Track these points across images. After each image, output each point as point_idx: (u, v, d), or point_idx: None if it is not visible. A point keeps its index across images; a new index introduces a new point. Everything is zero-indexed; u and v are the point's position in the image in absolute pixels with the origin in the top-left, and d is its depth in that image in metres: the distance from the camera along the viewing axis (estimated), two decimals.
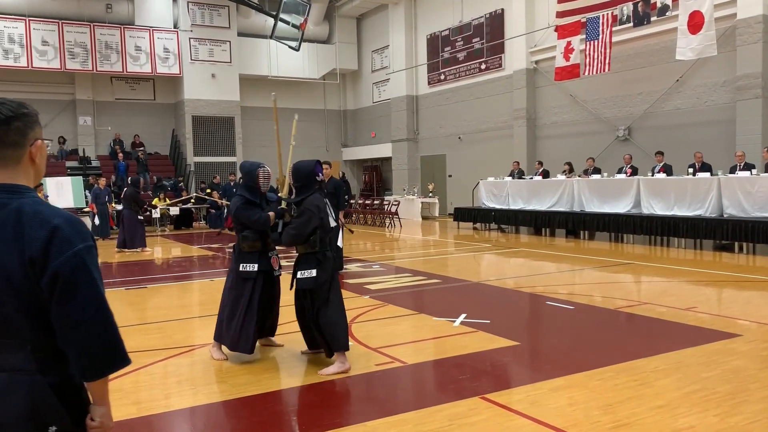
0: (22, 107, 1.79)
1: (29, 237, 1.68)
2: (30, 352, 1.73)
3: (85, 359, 1.73)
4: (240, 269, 5.34)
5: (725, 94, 14.60)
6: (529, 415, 3.93)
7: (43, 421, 1.72)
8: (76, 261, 1.70)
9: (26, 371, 1.72)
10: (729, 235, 11.49)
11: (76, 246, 1.71)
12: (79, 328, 1.70)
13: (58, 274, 1.68)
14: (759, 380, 4.48)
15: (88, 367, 1.74)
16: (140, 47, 22.93)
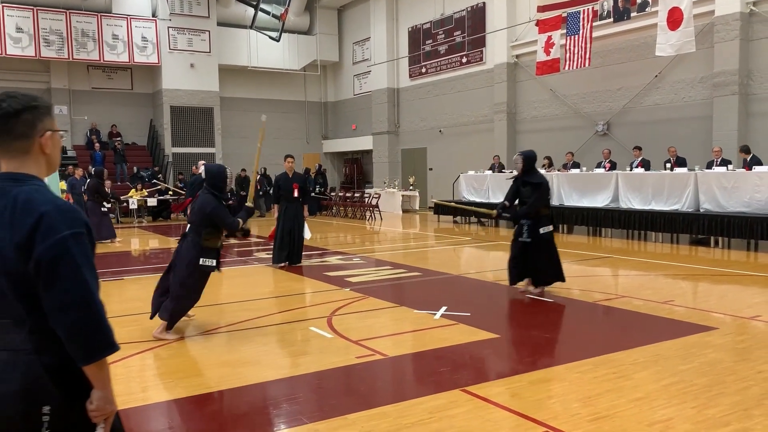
0: (32, 100, 1.87)
1: (18, 223, 1.75)
2: (27, 332, 1.78)
3: (72, 344, 1.76)
4: (201, 263, 5.80)
5: (703, 90, 14.77)
6: (509, 408, 3.94)
7: (36, 400, 1.76)
8: (60, 248, 1.74)
9: (23, 351, 1.78)
10: (705, 229, 11.65)
11: (60, 233, 1.75)
12: (63, 313, 1.74)
13: (41, 259, 1.73)
14: (735, 373, 4.54)
15: (76, 351, 1.77)
16: (117, 36, 22.57)
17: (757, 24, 13.79)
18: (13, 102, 1.84)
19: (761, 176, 11.19)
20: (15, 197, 1.79)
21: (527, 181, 7.48)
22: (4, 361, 1.79)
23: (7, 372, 1.77)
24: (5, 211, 1.79)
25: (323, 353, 5.26)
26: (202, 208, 5.87)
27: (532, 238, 7.35)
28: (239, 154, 25.74)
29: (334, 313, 6.71)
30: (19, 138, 1.86)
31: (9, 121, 1.84)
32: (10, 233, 1.76)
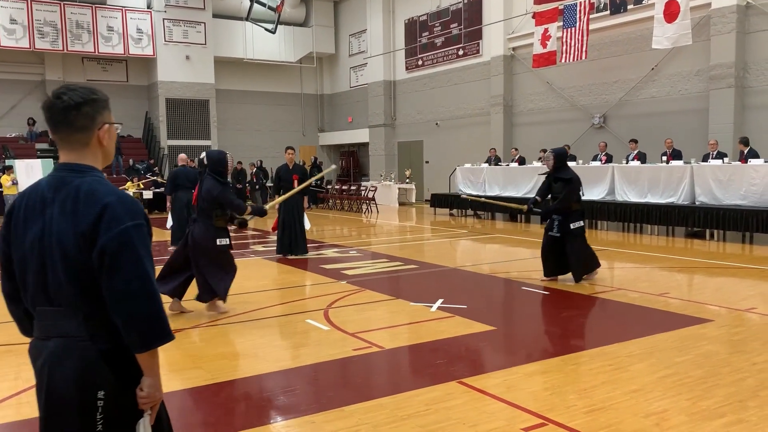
0: (92, 93, 1.92)
1: (82, 213, 1.81)
2: (82, 320, 1.84)
3: (130, 331, 1.81)
4: (218, 244, 6.21)
5: (699, 83, 14.78)
6: (505, 399, 3.96)
7: (92, 385, 1.82)
8: (123, 237, 1.79)
9: (78, 338, 1.84)
10: (701, 222, 11.68)
11: (124, 223, 1.81)
12: (124, 302, 1.79)
13: (106, 248, 1.78)
14: (729, 364, 4.56)
15: (132, 339, 1.82)
16: (112, 27, 22.45)
17: (753, 17, 13.79)
18: (74, 95, 1.88)
19: (757, 169, 11.22)
20: (77, 188, 1.84)
21: (559, 177, 7.67)
22: (60, 347, 1.84)
23: (63, 358, 1.82)
24: (67, 200, 1.83)
25: (320, 345, 5.27)
26: (209, 192, 6.21)
27: (561, 233, 7.56)
28: (235, 146, 25.66)
29: (330, 305, 6.72)
30: (79, 130, 1.90)
31: (70, 114, 1.88)
32: (73, 223, 1.81)
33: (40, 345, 1.90)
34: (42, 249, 1.85)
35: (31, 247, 1.87)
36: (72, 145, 1.91)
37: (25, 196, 1.94)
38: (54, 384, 1.83)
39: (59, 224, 1.83)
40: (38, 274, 1.87)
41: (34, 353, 1.93)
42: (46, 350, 1.86)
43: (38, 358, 1.89)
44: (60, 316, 1.85)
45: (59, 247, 1.82)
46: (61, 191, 1.85)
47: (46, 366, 1.85)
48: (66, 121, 1.89)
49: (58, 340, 1.85)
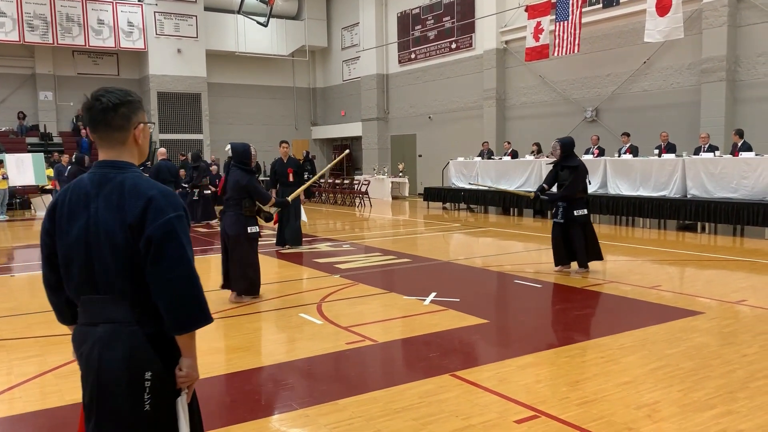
0: (127, 95, 2.06)
1: (129, 206, 1.95)
2: (129, 307, 1.98)
3: (173, 314, 1.95)
4: (249, 232, 6.51)
5: (691, 76, 14.82)
6: (498, 392, 3.98)
7: (140, 366, 1.95)
8: (168, 227, 1.94)
9: (126, 323, 1.97)
10: (692, 215, 11.74)
11: (168, 214, 1.95)
12: (168, 286, 1.93)
13: (152, 237, 1.92)
14: (720, 356, 4.60)
15: (174, 321, 1.96)
16: (103, 20, 22.30)
17: (744, 10, 13.83)
18: (112, 97, 2.03)
19: (748, 162, 11.28)
20: (121, 183, 1.99)
21: (565, 165, 7.84)
22: (108, 332, 1.97)
23: (112, 342, 1.95)
24: (112, 195, 1.98)
25: (313, 339, 5.27)
26: (237, 182, 6.50)
27: (565, 219, 7.74)
28: (227, 140, 25.48)
29: (323, 299, 6.73)
30: (117, 129, 2.05)
31: (108, 114, 2.02)
32: (120, 215, 1.95)
33: (86, 330, 2.02)
34: (88, 241, 1.98)
35: (76, 240, 1.99)
36: (110, 143, 2.06)
37: (68, 192, 2.06)
38: (105, 366, 1.95)
39: (105, 217, 1.96)
40: (84, 265, 1.99)
41: (78, 339, 2.05)
42: (95, 335, 1.98)
43: (84, 343, 2.01)
44: (107, 304, 1.99)
45: (107, 238, 1.95)
46: (105, 187, 2.00)
47: (95, 349, 1.97)
48: (105, 121, 2.03)
49: (106, 325, 1.98)
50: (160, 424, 1.98)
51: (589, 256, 7.83)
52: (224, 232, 6.63)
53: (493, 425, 3.49)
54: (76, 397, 4.04)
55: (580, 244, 7.75)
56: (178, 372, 2.03)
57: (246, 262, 6.55)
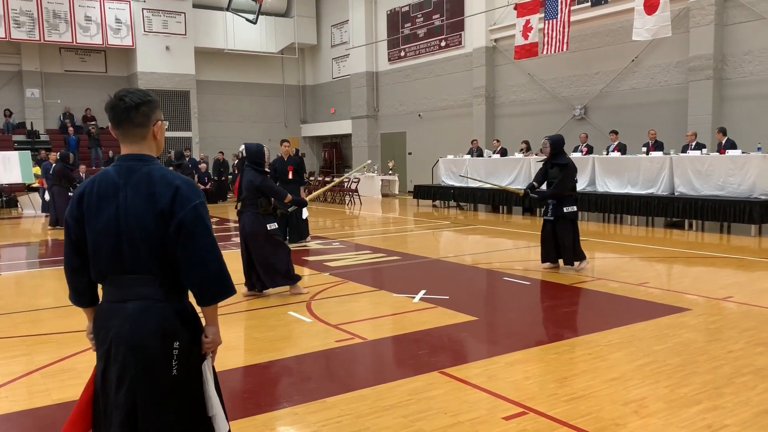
0: (147, 95, 2.30)
1: (159, 194, 2.18)
2: (158, 285, 2.21)
3: (202, 289, 2.24)
4: (269, 229, 6.62)
5: (678, 74, 14.92)
6: (486, 389, 3.99)
7: (170, 337, 2.20)
8: (195, 212, 2.20)
9: (157, 300, 2.21)
10: (680, 212, 11.82)
11: (193, 201, 2.21)
12: (199, 264, 2.20)
13: (183, 222, 2.17)
14: (707, 352, 4.64)
15: (205, 295, 2.25)
16: (90, 17, 22.12)
17: (731, 9, 13.93)
18: (133, 97, 2.25)
19: (735, 160, 11.37)
20: (148, 174, 2.22)
21: (555, 163, 7.87)
22: (140, 308, 2.19)
23: (145, 316, 2.18)
24: (140, 184, 2.20)
25: (302, 337, 5.27)
26: (251, 182, 6.60)
27: (555, 216, 7.76)
28: (216, 138, 25.51)
29: (313, 297, 6.72)
30: (138, 126, 2.27)
31: (131, 113, 2.25)
32: (151, 203, 2.18)
33: (114, 307, 2.23)
34: (118, 226, 2.19)
35: (106, 226, 2.21)
36: (133, 138, 2.29)
37: (95, 182, 2.27)
38: (139, 338, 2.17)
39: (135, 205, 2.19)
40: (114, 248, 2.21)
41: (106, 315, 2.25)
42: (125, 311, 2.20)
43: (112, 318, 2.22)
44: (137, 283, 2.21)
45: (138, 223, 2.18)
46: (132, 177, 2.22)
47: (127, 324, 2.18)
48: (128, 118, 2.26)
49: (136, 302, 2.20)
50: (185, 386, 2.24)
51: (576, 255, 7.85)
52: (243, 232, 6.71)
53: (481, 422, 3.51)
54: (63, 396, 4.02)
55: (569, 242, 7.78)
56: (204, 339, 2.32)
57: (271, 258, 6.64)
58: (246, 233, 6.67)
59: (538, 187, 8.15)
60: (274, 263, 6.67)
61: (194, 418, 2.27)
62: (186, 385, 2.24)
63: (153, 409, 2.18)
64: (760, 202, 10.69)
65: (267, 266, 6.67)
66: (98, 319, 2.29)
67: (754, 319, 5.56)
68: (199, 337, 2.32)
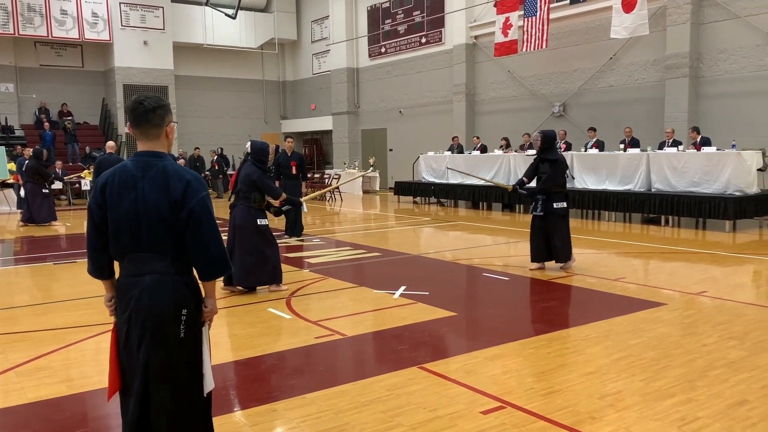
0: (162, 101, 2.70)
1: (173, 186, 2.59)
2: (170, 262, 2.63)
3: (205, 267, 2.68)
4: (259, 224, 6.65)
5: (655, 72, 15.10)
6: (465, 384, 4.02)
7: (180, 305, 2.63)
8: (203, 203, 2.62)
9: (169, 274, 2.63)
10: (656, 208, 11.98)
11: (201, 193, 2.63)
12: (205, 245, 2.63)
13: (193, 210, 2.59)
14: (681, 346, 4.71)
15: (208, 271, 2.69)
16: (66, 11, 21.80)
17: (707, 8, 14.12)
18: (151, 102, 2.65)
19: (710, 157, 11.54)
20: (164, 168, 2.62)
21: (545, 158, 7.75)
22: (155, 281, 2.61)
23: (160, 288, 2.60)
24: (156, 177, 2.60)
25: (282, 334, 5.26)
26: (248, 176, 6.67)
27: (545, 212, 7.63)
28: (195, 134, 25.31)
29: (293, 294, 6.71)
30: (155, 126, 2.67)
31: (149, 115, 2.64)
32: (166, 193, 2.58)
33: (133, 280, 2.63)
34: (137, 212, 2.58)
35: (127, 211, 2.59)
36: (149, 137, 2.67)
37: (116, 174, 2.65)
38: (156, 305, 2.59)
39: (152, 194, 2.58)
40: (133, 230, 2.60)
41: (126, 287, 2.65)
42: (143, 283, 2.60)
43: (132, 289, 2.62)
44: (152, 259, 2.62)
45: (156, 210, 2.57)
46: (149, 171, 2.61)
47: (145, 294, 2.59)
48: (146, 119, 2.65)
49: (152, 275, 2.61)
50: (188, 345, 2.66)
51: (569, 252, 7.69)
52: (232, 225, 6.73)
53: (459, 416, 3.54)
54: (38, 395, 3.98)
55: (560, 238, 7.61)
56: (204, 309, 2.73)
57: (254, 255, 6.61)
58: (236, 226, 6.68)
59: (528, 182, 7.97)
60: (256, 261, 6.62)
61: (191, 373, 2.68)
62: (189, 345, 2.67)
63: (162, 363, 2.60)
64: (734, 198, 10.87)
65: (249, 263, 6.61)
66: (119, 290, 2.69)
67: (727, 313, 5.66)
68: (200, 307, 2.73)
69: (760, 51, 13.32)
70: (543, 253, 7.77)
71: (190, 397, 2.69)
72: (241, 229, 6.66)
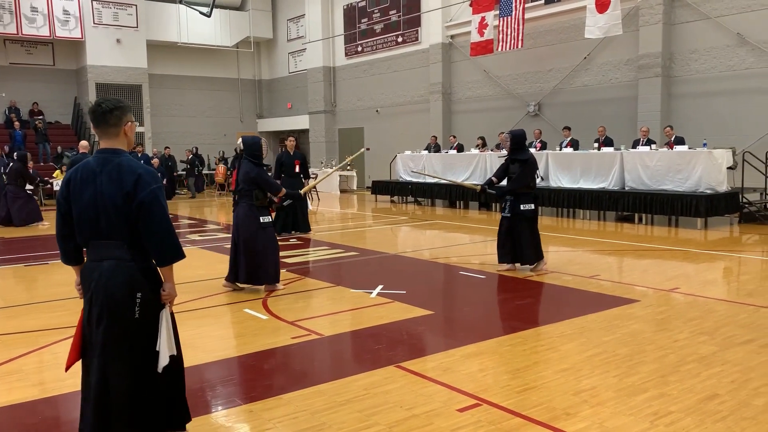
0: (119, 102, 2.94)
1: (125, 180, 2.82)
2: (127, 248, 2.88)
3: (159, 253, 2.90)
4: (261, 221, 6.66)
5: (629, 72, 15.30)
6: (442, 382, 4.04)
7: (134, 288, 2.87)
8: (153, 195, 2.83)
9: (125, 260, 2.87)
10: (630, 206, 12.14)
11: (151, 186, 2.84)
12: (156, 234, 2.85)
13: (143, 202, 2.81)
14: (653, 342, 4.79)
15: (161, 257, 2.91)
16: (37, 8, 21.42)
17: (678, 9, 14.35)
18: (108, 104, 2.90)
19: (682, 156, 11.73)
20: (119, 164, 2.86)
21: (515, 159, 7.68)
22: (113, 265, 2.86)
23: (116, 272, 2.85)
24: (112, 172, 2.84)
25: (258, 335, 5.24)
26: (247, 174, 6.66)
27: (512, 214, 7.57)
28: (170, 133, 25.06)
29: (269, 294, 6.68)
30: (113, 126, 2.91)
31: (106, 116, 2.89)
32: (119, 186, 2.82)
33: (95, 265, 2.89)
34: (95, 203, 2.84)
35: (87, 203, 2.85)
36: (108, 136, 2.92)
37: (78, 170, 2.90)
38: (112, 288, 2.83)
39: (108, 187, 2.82)
40: (93, 220, 2.85)
41: (88, 271, 2.92)
42: (102, 268, 2.86)
43: (92, 273, 2.88)
44: (111, 246, 2.87)
45: (111, 201, 2.82)
46: (107, 166, 2.86)
47: (104, 277, 2.84)
48: (105, 120, 2.89)
49: (110, 261, 2.86)
50: (144, 326, 2.90)
51: (536, 254, 7.57)
52: (236, 223, 6.76)
53: (436, 414, 3.55)
54: (10, 398, 3.91)
55: (525, 241, 7.49)
56: (162, 292, 2.95)
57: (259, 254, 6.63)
58: (239, 224, 6.70)
59: (498, 182, 7.89)
60: (260, 260, 6.65)
61: (146, 351, 2.91)
62: (144, 326, 2.90)
63: (117, 340, 2.85)
64: (705, 196, 11.06)
65: (253, 261, 6.65)
66: (83, 274, 2.96)
67: (698, 309, 5.76)
68: (158, 290, 2.96)
69: (729, 51, 13.57)
70: (509, 254, 7.67)
71: (146, 372, 2.91)
72: (244, 228, 6.67)
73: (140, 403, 2.91)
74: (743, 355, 4.46)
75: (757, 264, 8.16)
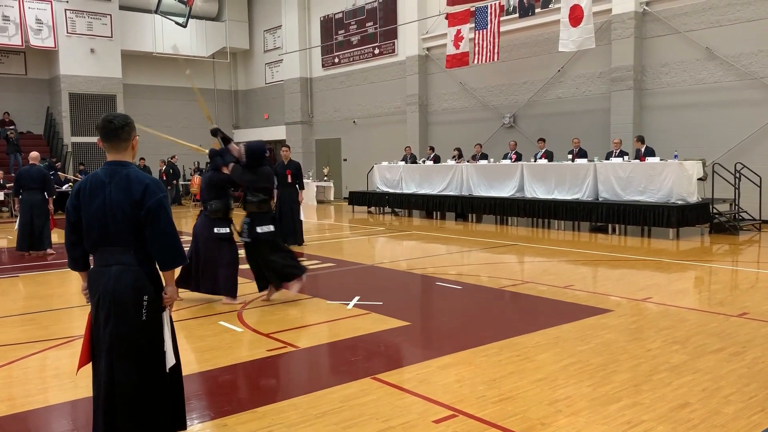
0: (128, 119, 3.14)
1: (134, 189, 3.00)
2: (133, 253, 3.03)
3: (163, 258, 3.07)
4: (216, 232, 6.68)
5: (602, 84, 15.55)
6: (418, 393, 4.04)
7: (141, 292, 3.01)
8: (159, 203, 3.01)
9: (131, 264, 3.03)
10: (603, 217, 12.30)
11: (158, 195, 3.03)
12: (161, 240, 3.03)
13: (150, 209, 2.99)
14: (627, 351, 4.84)
15: (164, 262, 3.07)
16: (8, 17, 21.13)
17: (649, 23, 14.65)
18: (118, 120, 3.09)
19: (654, 167, 11.93)
20: (127, 175, 3.04)
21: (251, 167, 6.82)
22: (120, 270, 3.01)
23: (123, 276, 3.00)
24: (120, 182, 3.02)
25: (232, 348, 5.19)
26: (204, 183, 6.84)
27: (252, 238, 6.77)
28: (144, 143, 24.66)
29: (244, 306, 6.63)
30: (123, 141, 3.10)
31: (118, 132, 3.08)
32: (128, 195, 2.99)
33: (102, 270, 3.03)
34: (104, 212, 3.00)
35: (96, 211, 3.01)
36: (117, 149, 3.10)
37: (88, 180, 3.09)
38: (119, 291, 2.98)
39: (117, 197, 3.00)
40: (102, 227, 3.01)
41: (95, 276, 3.06)
42: (110, 272, 3.00)
43: (101, 278, 3.02)
44: (118, 252, 3.03)
45: (120, 208, 2.98)
46: (115, 177, 3.04)
47: (111, 281, 2.99)
48: (116, 135, 3.08)
49: (118, 266, 3.01)
50: (150, 327, 3.04)
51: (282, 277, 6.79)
52: (193, 233, 6.83)
53: (412, 426, 3.55)
54: None
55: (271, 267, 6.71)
56: (164, 295, 3.11)
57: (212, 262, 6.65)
58: (195, 234, 6.79)
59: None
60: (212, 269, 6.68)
61: (153, 351, 3.05)
62: (150, 327, 3.05)
63: (124, 341, 2.99)
64: (677, 207, 11.25)
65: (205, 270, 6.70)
66: (91, 279, 3.11)
67: (670, 318, 5.85)
68: (161, 293, 3.10)
69: (699, 65, 13.87)
70: (263, 280, 6.90)
71: (152, 372, 3.05)
72: (198, 237, 6.73)
73: (147, 404, 3.02)
74: (714, 363, 4.54)
75: (727, 273, 8.31)
